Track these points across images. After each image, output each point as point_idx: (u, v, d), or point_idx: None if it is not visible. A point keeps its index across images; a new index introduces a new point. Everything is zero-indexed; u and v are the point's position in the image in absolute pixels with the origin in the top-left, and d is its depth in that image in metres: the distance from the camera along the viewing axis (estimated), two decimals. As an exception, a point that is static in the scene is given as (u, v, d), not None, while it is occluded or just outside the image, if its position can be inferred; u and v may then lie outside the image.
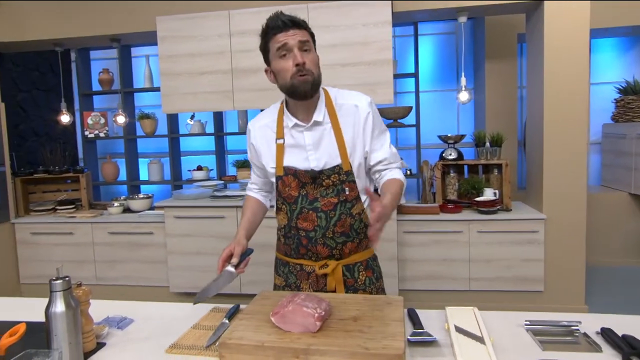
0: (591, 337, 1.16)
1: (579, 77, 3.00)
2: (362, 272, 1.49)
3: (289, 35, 1.34)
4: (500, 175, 3.33)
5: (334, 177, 1.41)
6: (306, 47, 1.36)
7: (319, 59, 1.41)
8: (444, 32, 4.47)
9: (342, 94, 1.47)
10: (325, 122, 1.42)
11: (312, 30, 1.42)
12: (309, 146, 1.41)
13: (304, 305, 1.15)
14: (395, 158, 1.48)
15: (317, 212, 1.42)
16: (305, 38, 1.37)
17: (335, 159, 1.41)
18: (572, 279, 3.16)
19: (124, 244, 3.54)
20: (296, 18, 1.38)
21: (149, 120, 4.31)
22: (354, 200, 1.44)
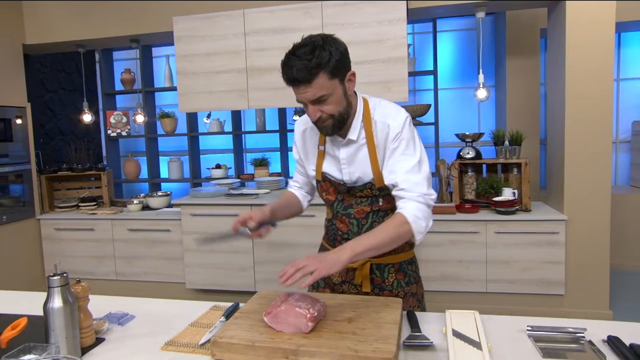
0: (596, 345, 1.11)
1: (603, 73, 2.88)
2: (392, 274, 1.48)
3: (300, 92, 1.25)
4: (519, 175, 3.24)
5: (366, 192, 1.41)
6: (322, 99, 1.24)
7: (345, 91, 1.27)
8: (465, 28, 4.37)
9: (380, 108, 1.36)
10: (360, 139, 1.36)
11: (331, 64, 1.21)
12: (343, 160, 1.40)
13: (296, 306, 1.14)
14: (413, 187, 1.28)
15: (349, 218, 1.45)
16: (318, 94, 1.22)
17: (367, 175, 1.38)
18: (596, 283, 3.04)
19: (143, 241, 3.61)
20: (303, 74, 1.20)
21: (169, 119, 4.39)
22: (388, 209, 1.43)
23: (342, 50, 1.25)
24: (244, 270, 3.40)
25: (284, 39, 3.19)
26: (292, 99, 3.38)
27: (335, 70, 1.22)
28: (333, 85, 1.24)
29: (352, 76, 1.30)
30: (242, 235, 1.37)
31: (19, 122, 3.62)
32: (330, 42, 1.23)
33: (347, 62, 1.28)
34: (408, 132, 1.32)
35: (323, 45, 1.21)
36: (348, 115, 1.32)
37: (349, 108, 1.31)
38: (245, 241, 3.37)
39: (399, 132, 1.32)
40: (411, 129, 1.34)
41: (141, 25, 3.49)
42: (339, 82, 1.25)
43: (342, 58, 1.24)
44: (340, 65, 1.24)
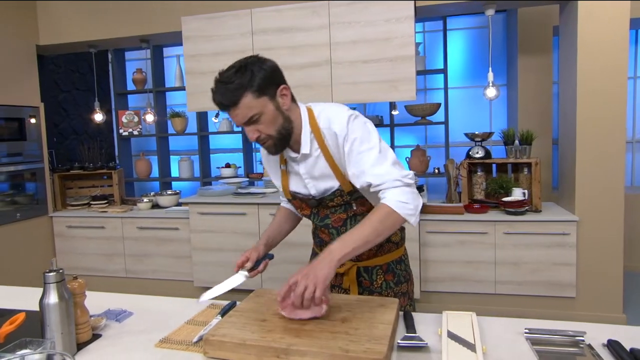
0: (596, 349, 1.08)
1: (616, 71, 2.81)
2: (381, 275, 1.46)
3: (231, 115, 1.25)
4: (530, 175, 3.18)
5: (337, 200, 1.39)
6: (254, 119, 1.23)
7: (278, 107, 1.25)
8: (476, 27, 4.31)
9: (324, 115, 1.32)
10: (313, 151, 1.33)
11: (256, 82, 1.20)
12: (304, 175, 1.38)
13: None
14: (386, 177, 1.24)
15: (328, 229, 1.45)
16: (248, 114, 1.22)
17: (333, 184, 1.36)
18: (608, 285, 2.97)
19: (152, 239, 3.65)
20: (227, 97, 1.21)
21: (179, 119, 4.43)
22: (364, 212, 1.40)
23: (267, 68, 1.23)
24: (251, 269, 3.40)
25: (291, 38, 3.19)
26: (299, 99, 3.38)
27: (261, 88, 1.21)
28: (262, 104, 1.22)
29: (285, 90, 1.27)
30: (240, 280, 1.43)
31: (33, 121, 3.69)
32: (254, 62, 1.23)
33: (277, 78, 1.26)
34: (355, 129, 1.27)
35: (245, 65, 1.21)
36: (288, 131, 1.29)
37: (287, 124, 1.28)
38: (251, 239, 3.38)
39: (345, 134, 1.27)
40: (357, 123, 1.28)
41: (151, 26, 3.53)
42: (268, 99, 1.23)
43: (268, 75, 1.22)
44: (267, 82, 1.22)
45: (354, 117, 1.29)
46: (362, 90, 3.11)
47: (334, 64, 3.15)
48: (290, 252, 3.28)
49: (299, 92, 3.38)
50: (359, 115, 1.31)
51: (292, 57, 3.20)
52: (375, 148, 1.27)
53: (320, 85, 3.18)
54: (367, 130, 1.29)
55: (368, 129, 1.29)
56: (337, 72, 3.15)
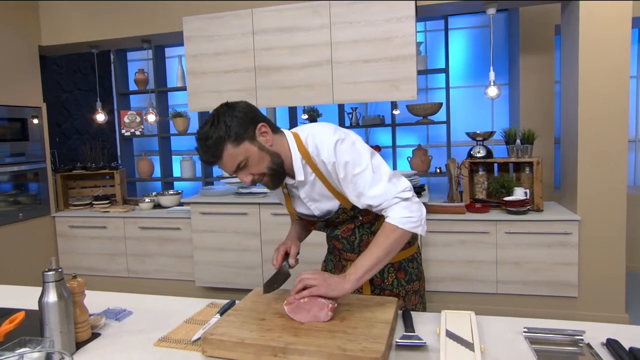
0: (595, 348, 1.08)
1: (618, 70, 2.80)
2: (392, 273, 1.47)
3: (220, 166, 1.26)
4: (531, 174, 3.17)
5: (342, 217, 1.39)
6: (241, 166, 1.24)
7: (261, 146, 1.24)
8: (477, 26, 4.31)
9: (311, 142, 1.30)
10: (308, 177, 1.33)
11: (231, 132, 1.20)
12: (305, 199, 1.39)
13: (319, 297, 1.18)
14: (385, 196, 1.25)
15: (339, 239, 1.46)
16: (235, 163, 1.23)
17: (334, 205, 1.37)
18: (610, 285, 2.96)
19: (154, 239, 3.65)
20: (208, 156, 1.23)
21: (181, 119, 4.44)
22: (372, 220, 1.42)
23: (239, 114, 1.22)
24: (252, 268, 3.41)
25: (291, 37, 3.19)
26: (300, 98, 3.37)
27: (239, 135, 1.21)
28: (244, 149, 1.22)
29: (264, 127, 1.25)
30: (285, 270, 1.42)
31: (36, 121, 3.71)
32: (224, 111, 1.22)
33: (252, 120, 1.24)
34: (344, 154, 1.25)
35: (217, 117, 1.21)
36: (280, 164, 1.28)
37: (276, 159, 1.27)
38: (253, 239, 3.39)
39: (334, 161, 1.25)
40: (345, 147, 1.26)
41: (152, 26, 3.53)
42: (249, 143, 1.22)
43: (241, 121, 1.21)
44: (243, 127, 1.21)
45: (340, 141, 1.26)
46: (363, 89, 3.11)
47: (334, 64, 3.14)
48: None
49: (299, 92, 3.38)
50: (346, 138, 1.27)
51: (292, 56, 3.20)
52: (368, 168, 1.25)
53: (321, 85, 3.18)
54: (357, 151, 1.26)
55: (357, 150, 1.27)
56: (337, 71, 3.15)
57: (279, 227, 3.32)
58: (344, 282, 1.20)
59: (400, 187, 1.26)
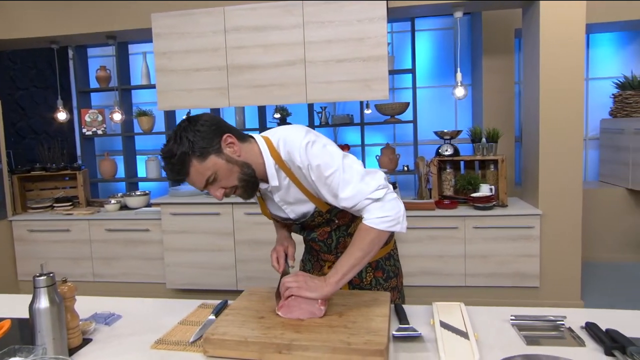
0: (575, 331, 1.16)
1: (574, 72, 2.99)
2: (370, 272, 1.48)
3: (189, 183, 1.24)
4: (496, 171, 3.32)
5: (318, 219, 1.38)
6: (210, 180, 1.21)
7: (229, 158, 1.21)
8: (442, 28, 4.45)
9: (282, 146, 1.27)
10: (282, 181, 1.30)
11: (195, 148, 1.18)
12: (280, 202, 1.37)
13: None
14: (358, 197, 1.22)
15: (316, 242, 1.45)
16: (203, 179, 1.21)
17: (309, 207, 1.35)
18: (568, 275, 3.15)
19: (121, 241, 3.54)
20: (174, 174, 1.21)
21: (146, 117, 4.32)
22: (349, 222, 1.41)
23: (201, 128, 1.19)
24: (226, 269, 3.38)
25: (265, 36, 3.18)
26: (273, 97, 3.37)
27: (203, 150, 1.18)
28: (211, 163, 1.19)
29: (229, 138, 1.22)
30: (288, 272, 1.40)
31: (-11, 120, 3.50)
32: (186, 127, 1.20)
33: (215, 132, 1.21)
34: (315, 156, 1.22)
35: (180, 134, 1.19)
36: (251, 174, 1.25)
37: (246, 169, 1.24)
38: (226, 239, 3.35)
39: (307, 163, 1.22)
40: (316, 149, 1.22)
41: (118, 22, 3.42)
42: (215, 156, 1.19)
43: (205, 135, 1.19)
44: (207, 141, 1.19)
45: (311, 143, 1.23)
46: (336, 89, 3.15)
47: (308, 63, 3.17)
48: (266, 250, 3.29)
49: (272, 91, 3.38)
50: (316, 140, 1.25)
51: (265, 55, 3.19)
52: (339, 169, 1.22)
53: (295, 84, 3.19)
54: (328, 153, 1.23)
55: (328, 151, 1.23)
56: (311, 71, 3.17)
57: (252, 226, 3.30)
58: (324, 285, 1.20)
59: (372, 186, 1.21)
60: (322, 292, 1.20)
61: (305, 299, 1.18)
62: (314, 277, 1.25)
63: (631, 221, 4.03)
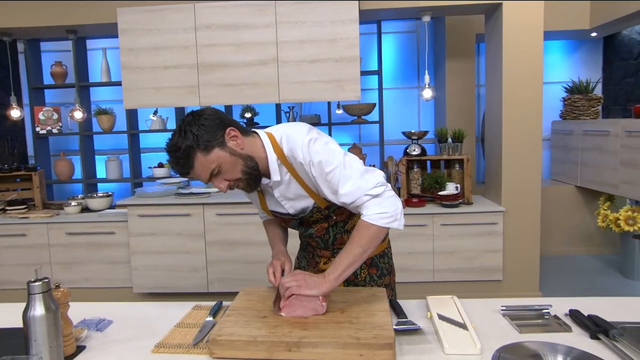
0: (561, 318, 1.24)
1: (534, 77, 3.17)
2: (365, 269, 1.50)
3: (193, 176, 1.26)
4: (461, 170, 3.46)
5: (316, 215, 1.40)
6: (214, 173, 1.23)
7: (232, 151, 1.24)
8: (405, 31, 4.57)
9: (285, 142, 1.29)
10: (284, 177, 1.32)
11: (200, 142, 1.19)
12: (280, 198, 1.38)
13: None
14: (357, 193, 1.24)
15: (313, 238, 1.47)
16: (207, 172, 1.22)
17: (309, 203, 1.37)
18: (528, 268, 3.34)
19: (83, 245, 3.39)
20: (179, 168, 1.23)
21: (106, 116, 4.15)
22: (346, 218, 1.44)
23: (205, 122, 1.21)
24: (196, 271, 3.32)
25: (236, 35, 3.15)
26: (245, 97, 3.34)
27: (208, 143, 1.20)
28: (215, 156, 1.21)
29: (233, 132, 1.24)
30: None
31: None
32: (190, 121, 1.22)
33: (218, 126, 1.23)
34: (316, 152, 1.24)
35: (185, 129, 1.20)
36: (254, 167, 1.27)
37: (249, 162, 1.26)
38: (196, 241, 3.29)
39: (309, 160, 1.25)
40: (318, 146, 1.25)
41: (79, 16, 3.26)
42: (219, 149, 1.22)
43: (209, 128, 1.21)
44: (211, 135, 1.21)
45: (313, 140, 1.25)
46: (309, 89, 3.17)
47: (280, 63, 3.16)
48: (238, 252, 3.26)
49: (244, 90, 3.35)
50: (318, 137, 1.28)
51: (237, 54, 3.16)
52: (340, 166, 1.24)
53: (267, 83, 3.18)
54: (330, 150, 1.26)
55: (330, 148, 1.26)
56: (284, 70, 3.17)
57: (224, 227, 3.26)
58: (324, 281, 1.22)
59: (371, 183, 1.24)
60: (321, 289, 1.21)
61: (305, 297, 1.20)
62: (312, 274, 1.26)
63: (580, 216, 4.32)
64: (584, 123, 4.10)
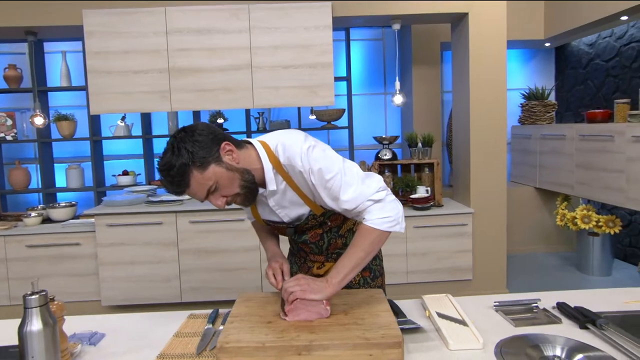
0: (550, 311, 1.31)
1: (499, 83, 3.32)
2: (359, 273, 1.47)
3: (189, 195, 1.22)
4: (431, 174, 3.57)
5: (311, 222, 1.39)
6: (212, 190, 1.21)
7: (229, 166, 1.21)
8: (372, 39, 4.67)
9: (281, 150, 1.26)
10: (279, 184, 1.30)
11: (196, 159, 1.16)
12: (275, 207, 1.37)
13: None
14: (359, 199, 1.24)
15: (307, 244, 1.46)
16: (204, 190, 1.19)
17: (304, 211, 1.36)
18: (496, 267, 3.48)
19: (45, 258, 3.21)
20: (174, 188, 1.19)
21: (67, 122, 3.97)
22: (340, 223, 1.44)
23: (199, 138, 1.18)
24: (169, 280, 3.22)
25: (209, 40, 3.11)
26: (218, 102, 3.30)
27: (204, 160, 1.17)
28: (211, 173, 1.18)
29: (228, 146, 1.21)
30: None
31: None
32: (183, 137, 1.18)
33: (213, 141, 1.20)
34: (316, 160, 1.23)
35: (178, 146, 1.16)
36: (251, 180, 1.25)
37: (246, 175, 1.24)
38: (169, 250, 3.20)
39: (309, 167, 1.23)
40: (316, 153, 1.24)
41: (42, 17, 3.11)
42: (215, 165, 1.18)
43: (204, 145, 1.17)
44: (206, 151, 1.17)
45: (312, 148, 1.24)
46: (283, 94, 3.18)
47: (254, 68, 3.15)
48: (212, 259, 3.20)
49: (218, 96, 3.31)
50: (316, 145, 1.27)
51: (210, 59, 3.12)
52: (340, 173, 1.24)
53: (241, 88, 3.15)
54: (328, 157, 1.25)
55: (328, 155, 1.26)
56: (257, 76, 3.16)
57: (197, 235, 3.19)
58: (327, 285, 1.22)
59: (373, 188, 1.25)
60: (325, 293, 1.21)
61: (312, 302, 1.20)
62: (315, 279, 1.26)
63: (539, 216, 4.55)
64: (542, 128, 4.33)
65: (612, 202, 3.36)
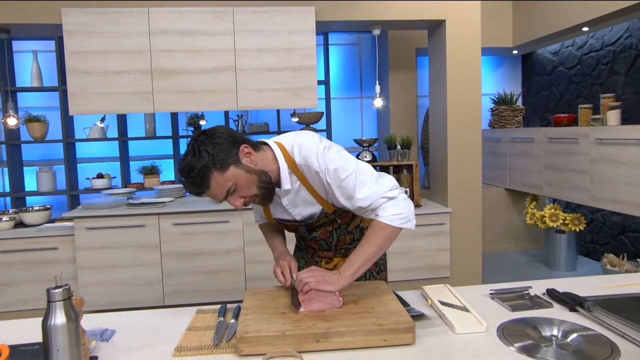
0: (542, 297, 1.41)
1: (474, 88, 3.47)
2: None
3: (209, 196, 1.26)
4: (410, 175, 3.68)
5: (323, 220, 1.43)
6: (231, 191, 1.25)
7: (247, 168, 1.25)
8: (348, 43, 4.77)
9: (297, 151, 1.30)
10: (293, 184, 1.35)
11: (216, 161, 1.20)
12: (288, 206, 1.41)
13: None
14: (374, 197, 1.29)
15: (317, 240, 1.51)
16: (223, 191, 1.23)
17: (316, 209, 1.40)
18: (472, 265, 3.62)
19: (19, 264, 3.10)
20: (195, 189, 1.24)
21: (38, 124, 3.85)
22: (349, 220, 1.49)
23: (219, 140, 1.22)
24: (151, 284, 3.17)
25: (192, 41, 3.11)
26: (203, 104, 3.30)
27: (223, 163, 1.21)
28: (231, 175, 1.22)
29: (246, 149, 1.26)
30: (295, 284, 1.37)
31: None
32: (204, 140, 1.22)
33: (232, 144, 1.24)
34: (331, 160, 1.28)
35: (199, 149, 1.20)
36: (269, 181, 1.29)
37: (264, 177, 1.28)
38: (151, 253, 3.16)
39: (325, 167, 1.27)
40: (331, 154, 1.29)
41: (15, 14, 3.02)
42: (235, 167, 1.23)
43: (224, 147, 1.22)
44: (226, 153, 1.22)
45: (327, 148, 1.29)
46: (268, 97, 3.21)
47: (239, 71, 3.17)
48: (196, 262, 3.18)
49: (202, 98, 3.32)
50: (331, 146, 1.32)
51: (194, 61, 3.11)
52: (355, 172, 1.29)
53: (225, 90, 3.16)
54: (343, 157, 1.30)
55: (343, 155, 1.31)
56: (242, 78, 3.18)
57: (181, 237, 3.17)
58: (340, 278, 1.28)
59: (386, 186, 1.31)
60: (338, 285, 1.27)
61: (325, 293, 1.25)
62: (328, 271, 1.31)
63: (509, 216, 4.76)
64: (511, 131, 4.54)
65: (578, 201, 3.57)
